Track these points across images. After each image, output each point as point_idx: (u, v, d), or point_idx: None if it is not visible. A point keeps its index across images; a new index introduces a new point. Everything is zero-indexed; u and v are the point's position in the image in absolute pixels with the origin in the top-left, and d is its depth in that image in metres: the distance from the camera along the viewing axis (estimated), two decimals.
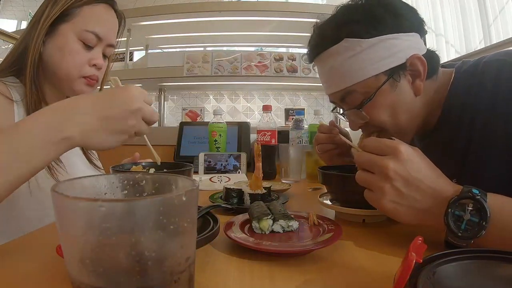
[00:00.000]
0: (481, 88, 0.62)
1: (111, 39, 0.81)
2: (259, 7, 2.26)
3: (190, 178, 0.32)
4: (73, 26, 0.75)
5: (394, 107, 0.66)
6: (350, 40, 0.63)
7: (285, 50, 3.07)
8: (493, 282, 0.33)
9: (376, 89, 0.64)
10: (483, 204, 0.43)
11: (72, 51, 0.75)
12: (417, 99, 0.67)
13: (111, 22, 0.82)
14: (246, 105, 2.86)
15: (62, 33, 0.75)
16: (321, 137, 0.88)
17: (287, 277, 0.41)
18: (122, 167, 0.76)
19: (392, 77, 0.64)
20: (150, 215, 0.25)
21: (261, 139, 1.21)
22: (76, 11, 0.76)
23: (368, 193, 0.52)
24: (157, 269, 0.25)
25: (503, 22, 1.94)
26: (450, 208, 0.44)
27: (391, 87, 0.65)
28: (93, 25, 0.77)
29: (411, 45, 0.64)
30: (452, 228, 0.44)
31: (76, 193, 0.30)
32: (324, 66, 0.69)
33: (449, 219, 0.44)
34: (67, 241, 0.26)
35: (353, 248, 0.51)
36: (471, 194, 0.43)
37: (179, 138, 1.64)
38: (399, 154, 0.48)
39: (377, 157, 0.50)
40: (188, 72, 2.21)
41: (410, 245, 0.31)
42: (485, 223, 0.42)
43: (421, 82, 0.65)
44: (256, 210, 0.56)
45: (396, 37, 0.63)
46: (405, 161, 0.48)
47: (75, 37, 0.76)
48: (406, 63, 0.64)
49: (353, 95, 0.67)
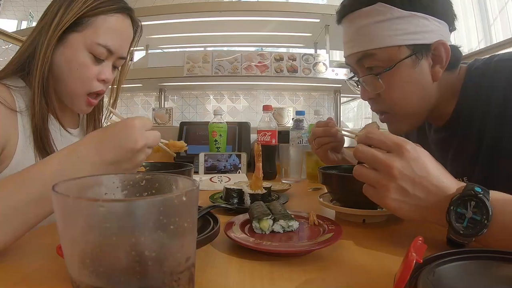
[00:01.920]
0: (493, 89, 0.63)
1: (123, 52, 0.77)
2: (259, 7, 2.26)
3: (190, 178, 0.32)
4: (84, 37, 0.71)
5: (410, 84, 0.66)
6: (384, 5, 0.64)
7: (286, 50, 3.07)
8: (493, 282, 0.33)
9: (397, 61, 0.64)
10: (485, 202, 0.43)
11: (81, 66, 0.72)
12: (433, 85, 0.67)
13: (125, 34, 0.77)
14: (246, 105, 2.86)
15: (72, 44, 0.71)
16: (317, 131, 0.89)
17: (287, 277, 0.41)
18: None
19: (415, 54, 0.64)
20: (150, 215, 0.25)
21: (261, 139, 1.21)
22: (89, 20, 0.71)
23: (369, 190, 0.51)
24: (157, 269, 0.25)
25: (503, 22, 1.94)
26: (452, 205, 0.44)
27: (412, 63, 0.65)
28: (105, 39, 0.72)
29: (439, 31, 0.65)
30: (454, 226, 0.44)
31: (76, 193, 0.30)
32: (352, 25, 0.69)
33: (451, 217, 0.44)
34: (67, 241, 0.26)
35: (353, 248, 0.51)
36: (474, 192, 0.43)
37: (179, 138, 1.64)
38: (405, 152, 0.47)
39: (382, 154, 0.49)
40: (189, 72, 2.21)
41: (410, 245, 0.31)
42: (487, 221, 0.42)
43: (441, 69, 0.66)
44: (256, 210, 0.56)
45: (428, 18, 0.63)
46: (410, 159, 0.47)
47: (85, 50, 0.72)
48: (431, 46, 0.64)
49: (372, 59, 0.67)
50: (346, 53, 0.72)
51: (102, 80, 0.75)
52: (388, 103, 0.69)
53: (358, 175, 0.52)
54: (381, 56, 0.66)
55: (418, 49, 0.64)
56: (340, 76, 2.18)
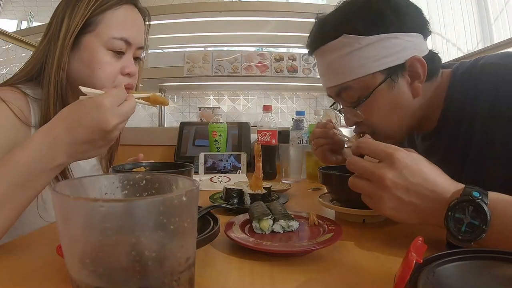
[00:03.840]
0: (479, 92, 0.62)
1: (140, 41, 0.76)
2: (259, 7, 2.26)
3: (190, 178, 0.32)
4: (98, 36, 0.69)
5: (390, 108, 0.66)
6: (349, 36, 0.63)
7: (286, 50, 3.07)
8: (493, 282, 0.33)
9: (372, 89, 0.64)
10: (483, 208, 0.42)
11: (103, 64, 0.69)
12: (414, 101, 0.67)
13: (137, 23, 0.76)
14: (246, 105, 2.86)
15: (87, 45, 0.69)
16: (316, 132, 0.90)
17: (287, 277, 0.41)
18: (123, 167, 0.76)
19: (390, 77, 0.63)
20: (150, 215, 0.25)
21: (261, 139, 1.21)
22: (98, 19, 0.69)
23: (366, 199, 0.52)
24: (157, 269, 0.25)
25: (503, 22, 1.94)
26: (450, 211, 0.44)
27: (389, 87, 0.64)
28: (120, 31, 0.70)
29: (412, 46, 0.63)
30: (452, 231, 0.44)
31: (76, 193, 0.30)
32: (323, 60, 0.70)
33: (449, 222, 0.44)
34: (67, 241, 0.26)
35: (353, 248, 0.51)
36: (471, 197, 0.43)
37: (179, 138, 1.64)
38: (396, 161, 0.47)
39: (373, 166, 0.49)
40: (189, 72, 2.21)
41: (410, 245, 0.31)
42: (485, 226, 0.42)
43: (420, 84, 0.65)
44: (256, 210, 0.56)
45: (397, 36, 0.62)
46: (402, 168, 0.47)
47: (103, 48, 0.69)
48: (405, 64, 0.63)
49: (348, 91, 0.67)
50: (324, 85, 0.73)
51: (126, 74, 0.73)
52: (370, 128, 0.70)
53: (352, 186, 0.52)
54: (356, 86, 0.66)
55: (393, 70, 0.63)
56: None
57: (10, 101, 0.64)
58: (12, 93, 0.67)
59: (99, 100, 0.53)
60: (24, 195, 0.51)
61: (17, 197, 0.51)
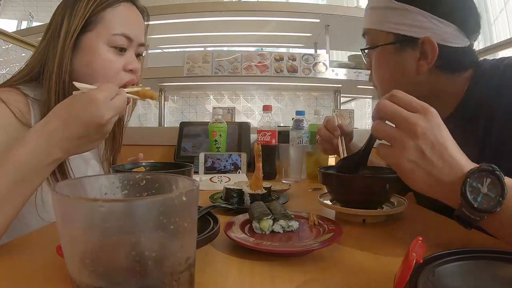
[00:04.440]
0: (501, 90, 0.63)
1: (141, 37, 0.76)
2: (259, 7, 2.26)
3: (190, 178, 0.32)
4: (99, 34, 0.70)
5: (390, 70, 0.72)
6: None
7: (285, 50, 3.07)
8: (493, 282, 0.33)
9: (380, 44, 0.71)
10: (502, 180, 0.42)
11: (105, 62, 0.70)
12: (416, 77, 0.69)
13: (136, 20, 0.77)
14: (246, 105, 2.86)
15: (88, 45, 0.69)
16: (323, 134, 0.94)
17: (287, 277, 0.41)
18: (123, 167, 0.76)
19: (399, 43, 0.68)
20: (150, 215, 0.25)
21: (261, 139, 1.21)
22: (98, 17, 0.70)
23: (385, 149, 0.50)
24: (157, 269, 0.25)
25: (503, 22, 1.94)
26: (469, 178, 0.43)
27: (395, 51, 0.69)
28: (121, 27, 0.71)
29: (435, 29, 0.65)
30: (469, 199, 0.43)
31: (76, 193, 0.30)
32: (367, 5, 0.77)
33: (467, 189, 0.43)
34: (67, 241, 0.26)
35: (353, 248, 0.51)
36: (491, 168, 0.43)
37: (179, 138, 1.64)
38: (431, 116, 0.47)
39: (407, 112, 0.48)
40: (188, 72, 2.21)
41: (410, 245, 0.31)
42: (501, 199, 0.42)
43: (426, 64, 0.67)
44: (256, 210, 0.56)
45: (424, 14, 0.65)
46: (435, 124, 0.47)
47: (105, 45, 0.70)
48: (419, 40, 0.66)
49: (367, 36, 0.75)
50: None
51: (129, 70, 0.74)
52: (373, 79, 0.77)
53: (377, 129, 0.51)
54: (371, 35, 0.73)
55: (405, 40, 0.67)
56: (340, 76, 2.18)
57: (10, 102, 0.64)
58: (12, 94, 0.67)
59: (93, 95, 0.54)
60: (21, 191, 0.52)
61: (14, 194, 0.51)
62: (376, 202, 0.67)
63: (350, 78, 2.18)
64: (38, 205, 0.65)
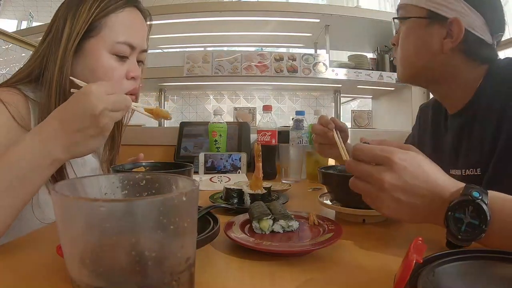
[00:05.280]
0: None
1: (143, 44, 0.76)
2: (259, 7, 2.26)
3: (190, 178, 0.32)
4: (102, 40, 0.69)
5: (415, 42, 0.75)
6: None
7: (285, 50, 3.07)
8: (493, 282, 0.33)
9: (413, 16, 0.74)
10: (483, 208, 0.43)
11: (108, 69, 0.69)
12: (440, 56, 0.72)
13: (140, 26, 0.75)
14: (246, 105, 2.86)
15: (91, 51, 0.68)
16: (317, 129, 0.94)
17: (287, 277, 0.41)
18: (123, 167, 0.76)
19: (430, 18, 0.71)
20: (150, 215, 0.25)
21: (261, 139, 1.21)
22: (101, 23, 0.68)
23: (367, 199, 0.52)
24: (157, 269, 0.25)
25: None
26: (450, 211, 0.44)
27: (425, 26, 0.72)
28: (124, 35, 0.70)
29: (464, 14, 0.69)
30: (452, 231, 0.44)
31: (76, 193, 0.30)
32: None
33: (450, 222, 0.44)
34: (67, 241, 0.26)
35: (353, 248, 0.51)
36: (471, 197, 0.43)
37: (179, 138, 1.64)
38: (393, 164, 0.47)
39: (372, 168, 0.49)
40: (188, 72, 2.21)
41: (410, 245, 0.31)
42: (484, 226, 0.42)
43: (451, 43, 0.70)
44: (256, 210, 0.56)
45: None
46: (400, 170, 0.47)
47: (107, 53, 0.69)
48: (448, 20, 0.69)
49: (400, 11, 0.78)
50: None
51: (131, 78, 0.73)
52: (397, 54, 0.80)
53: (353, 187, 0.53)
54: (406, 10, 0.77)
55: (435, 16, 0.71)
56: (340, 76, 2.18)
57: (9, 103, 0.64)
58: (12, 95, 0.66)
59: (87, 87, 0.55)
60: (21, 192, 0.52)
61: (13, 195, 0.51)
62: None
63: (350, 78, 2.18)
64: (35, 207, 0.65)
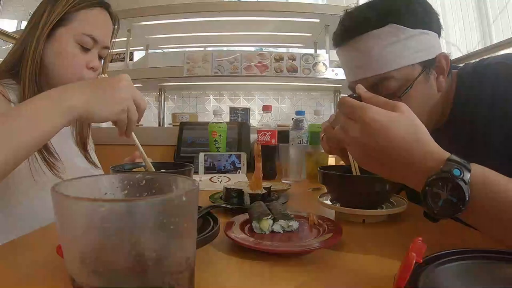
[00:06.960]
0: (481, 88, 0.65)
1: (106, 41, 0.85)
2: (259, 7, 2.26)
3: (190, 178, 0.32)
4: (71, 30, 0.78)
5: (423, 100, 0.68)
6: (395, 26, 0.64)
7: (285, 50, 3.07)
8: (493, 282, 0.33)
9: (413, 79, 0.65)
10: (462, 188, 0.41)
11: (70, 55, 0.79)
12: (437, 96, 0.70)
13: (106, 25, 0.85)
14: (246, 105, 2.86)
15: (60, 37, 0.78)
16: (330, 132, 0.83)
17: (287, 277, 0.41)
18: (122, 167, 0.76)
19: (425, 70, 0.66)
20: (150, 215, 0.25)
21: (261, 139, 1.21)
22: (73, 15, 0.79)
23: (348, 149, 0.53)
24: (157, 269, 0.25)
25: (503, 22, 1.94)
26: (428, 186, 0.43)
27: (425, 79, 0.67)
28: (90, 29, 0.80)
29: (437, 44, 0.68)
30: (429, 204, 0.44)
31: (76, 193, 0.30)
32: (361, 49, 0.67)
33: (427, 196, 0.43)
34: (67, 241, 0.26)
35: (353, 248, 0.51)
36: (451, 175, 0.42)
37: (179, 138, 1.64)
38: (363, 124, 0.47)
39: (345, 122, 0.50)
40: (188, 72, 2.21)
41: (410, 245, 0.31)
42: (462, 207, 0.42)
43: (443, 79, 0.68)
44: (256, 210, 0.56)
45: (428, 33, 0.66)
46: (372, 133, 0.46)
47: (73, 41, 0.79)
48: (435, 59, 0.67)
49: (389, 81, 0.66)
50: (357, 77, 0.70)
51: (91, 68, 0.82)
52: None
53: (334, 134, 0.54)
54: (398, 76, 0.65)
55: (427, 64, 0.66)
56: (340, 76, 2.18)
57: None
58: None
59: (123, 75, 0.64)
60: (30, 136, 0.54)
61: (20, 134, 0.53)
62: (376, 202, 0.67)
63: None
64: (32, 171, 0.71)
